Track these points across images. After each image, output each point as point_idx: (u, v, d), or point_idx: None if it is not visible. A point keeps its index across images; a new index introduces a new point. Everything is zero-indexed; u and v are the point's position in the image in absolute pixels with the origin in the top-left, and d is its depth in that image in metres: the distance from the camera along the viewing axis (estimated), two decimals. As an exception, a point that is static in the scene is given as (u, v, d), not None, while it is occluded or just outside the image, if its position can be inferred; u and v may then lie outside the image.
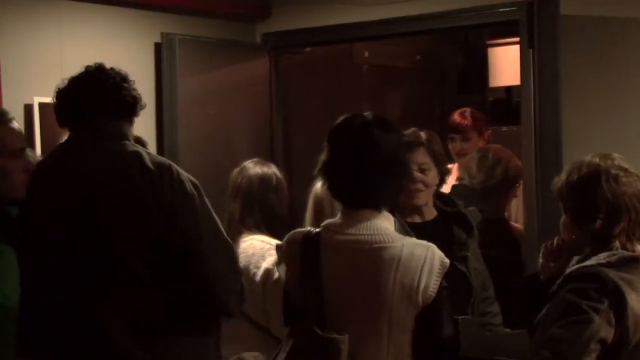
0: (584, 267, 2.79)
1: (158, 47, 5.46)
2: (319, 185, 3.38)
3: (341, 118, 2.92)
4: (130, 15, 5.38)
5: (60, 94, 3.13)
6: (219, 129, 5.64)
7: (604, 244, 2.85)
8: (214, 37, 5.72)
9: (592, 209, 2.86)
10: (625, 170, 2.88)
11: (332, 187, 2.88)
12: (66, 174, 3.03)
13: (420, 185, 3.75)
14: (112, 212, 2.92)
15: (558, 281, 2.80)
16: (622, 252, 2.81)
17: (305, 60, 6.42)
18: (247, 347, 3.70)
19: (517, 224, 5.12)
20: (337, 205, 3.03)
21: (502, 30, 6.47)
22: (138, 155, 2.98)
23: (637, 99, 4.69)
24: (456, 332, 3.13)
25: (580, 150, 4.02)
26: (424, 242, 2.86)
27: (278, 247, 3.01)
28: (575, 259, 2.92)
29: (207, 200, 3.02)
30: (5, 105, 4.53)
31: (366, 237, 2.79)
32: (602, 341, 2.68)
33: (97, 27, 5.21)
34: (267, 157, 5.47)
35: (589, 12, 4.76)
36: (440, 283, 2.79)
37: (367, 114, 2.90)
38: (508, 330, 3.80)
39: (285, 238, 2.98)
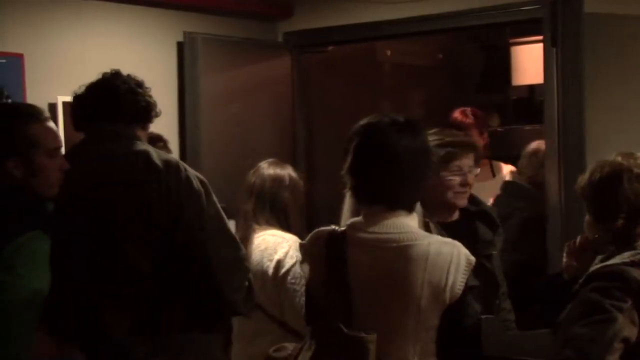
0: (608, 266, 2.79)
1: (180, 46, 5.47)
2: None
3: (366, 119, 2.91)
4: (152, 14, 5.39)
5: (76, 99, 3.20)
6: (241, 128, 5.65)
7: (627, 243, 2.85)
8: (236, 36, 5.73)
9: (614, 208, 2.87)
10: None
11: (357, 187, 2.88)
12: (75, 175, 3.08)
13: (467, 188, 3.82)
14: (116, 208, 2.96)
15: (581, 280, 2.81)
16: (646, 252, 2.79)
17: (327, 59, 6.43)
18: (269, 342, 3.73)
19: None
20: None
21: (525, 28, 6.45)
22: (145, 152, 3.02)
23: (661, 97, 4.69)
24: (479, 331, 3.10)
25: (603, 149, 4.01)
26: (450, 240, 2.85)
27: (301, 246, 3.00)
28: (599, 258, 2.93)
29: (215, 198, 3.04)
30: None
31: (393, 235, 2.79)
32: (625, 340, 2.68)
33: (120, 26, 5.24)
34: (289, 156, 5.49)
35: (613, 10, 4.74)
36: (466, 281, 2.79)
37: (393, 114, 2.89)
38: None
39: (309, 237, 2.97)
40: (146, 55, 5.33)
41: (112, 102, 3.14)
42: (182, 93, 5.47)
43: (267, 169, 4.13)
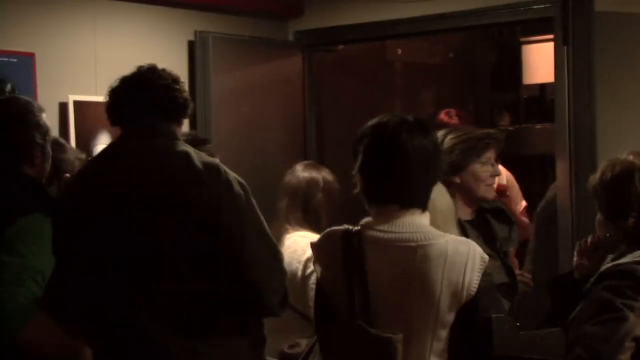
0: (619, 264, 2.77)
1: (191, 45, 5.47)
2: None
3: (376, 119, 2.90)
4: (163, 13, 5.40)
5: (112, 93, 3.16)
6: (252, 126, 5.66)
7: (638, 242, 2.84)
8: (247, 35, 5.75)
9: (625, 207, 2.87)
10: None
11: (368, 187, 2.87)
12: (115, 172, 3.05)
13: (495, 180, 3.90)
14: (157, 209, 2.93)
15: (592, 279, 2.80)
16: (657, 251, 2.80)
17: (338, 58, 6.43)
18: (288, 336, 3.77)
19: None
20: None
21: (536, 27, 6.46)
22: (186, 154, 2.99)
23: (674, 96, 4.70)
24: (490, 330, 3.08)
25: (614, 148, 4.00)
26: (464, 239, 2.87)
27: (313, 245, 2.99)
28: (610, 257, 2.93)
29: (254, 201, 3.02)
30: (40, 103, 4.54)
31: (408, 234, 2.78)
32: (636, 339, 2.66)
33: (131, 25, 5.25)
34: (299, 155, 5.50)
35: (624, 9, 4.76)
36: (481, 279, 2.79)
37: (402, 114, 2.89)
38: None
39: (321, 236, 2.97)
40: (157, 54, 5.21)
41: (150, 96, 3.10)
42: (193, 92, 5.41)
43: (302, 171, 4.18)
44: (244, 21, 5.80)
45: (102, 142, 4.92)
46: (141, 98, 3.08)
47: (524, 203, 5.80)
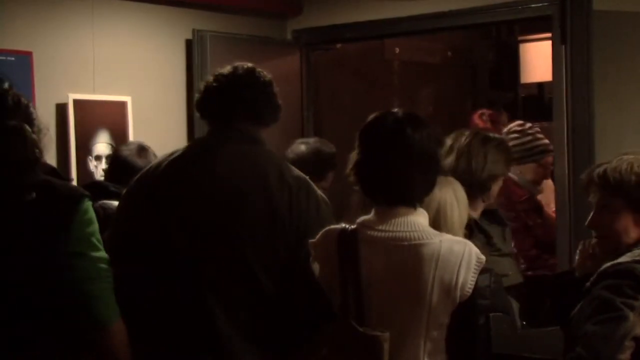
0: (619, 263, 2.77)
1: (189, 44, 5.49)
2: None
3: (372, 116, 2.91)
4: (161, 12, 5.40)
5: (207, 90, 3.17)
6: (250, 124, 5.66)
7: (637, 241, 2.85)
8: (245, 33, 5.77)
9: None
10: None
11: (365, 185, 2.88)
12: (204, 170, 3.06)
13: None
14: (248, 219, 2.95)
15: (592, 278, 2.79)
16: (656, 249, 2.81)
17: (336, 57, 6.44)
18: None
19: None
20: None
21: (534, 25, 6.49)
22: (279, 166, 3.04)
23: (670, 94, 4.70)
24: (488, 329, 3.14)
25: (613, 146, 4.05)
26: (461, 239, 2.85)
27: (312, 244, 2.96)
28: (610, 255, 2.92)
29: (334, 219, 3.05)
30: (39, 103, 4.59)
31: (404, 233, 2.78)
32: (636, 338, 2.67)
33: (129, 24, 5.26)
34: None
35: (622, 8, 4.74)
36: (477, 279, 2.78)
37: (398, 111, 2.89)
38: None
39: (319, 235, 2.94)
40: (155, 53, 5.36)
41: (250, 100, 3.13)
42: (190, 90, 5.45)
43: None
44: (242, 20, 5.81)
45: (101, 141, 4.94)
46: (236, 99, 3.10)
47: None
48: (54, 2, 4.88)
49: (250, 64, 3.21)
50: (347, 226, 2.85)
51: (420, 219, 2.82)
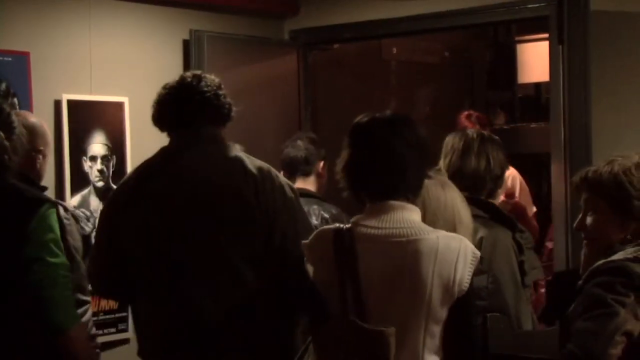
0: (611, 261, 2.79)
1: (186, 44, 5.47)
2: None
3: (360, 117, 2.96)
4: (158, 12, 5.40)
5: (162, 103, 3.32)
6: (247, 125, 5.61)
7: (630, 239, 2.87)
8: (242, 34, 5.77)
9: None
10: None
11: (357, 183, 2.91)
12: (174, 175, 3.23)
13: None
14: (219, 213, 3.12)
15: (584, 275, 2.82)
16: (648, 247, 2.83)
17: (334, 57, 6.46)
18: None
19: None
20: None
21: (532, 26, 6.52)
22: (240, 158, 3.20)
23: (668, 94, 4.71)
24: (486, 329, 3.16)
25: (610, 146, 4.05)
26: (456, 235, 2.87)
27: (305, 246, 3.00)
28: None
29: (300, 201, 3.25)
30: (35, 102, 4.61)
31: (399, 230, 2.80)
32: (627, 334, 2.69)
33: (126, 24, 5.25)
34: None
35: (619, 8, 4.75)
36: (474, 280, 2.81)
37: (386, 111, 2.97)
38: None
39: (313, 235, 2.97)
40: (152, 53, 5.36)
41: (201, 104, 3.27)
42: None
43: None
44: (239, 20, 5.81)
45: (96, 142, 4.94)
46: (193, 106, 3.26)
47: (534, 208, 5.82)
48: (52, 3, 4.89)
49: (197, 71, 3.43)
50: (341, 226, 2.88)
51: (413, 215, 2.84)
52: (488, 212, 3.78)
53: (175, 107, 3.29)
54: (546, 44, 5.16)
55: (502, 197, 4.80)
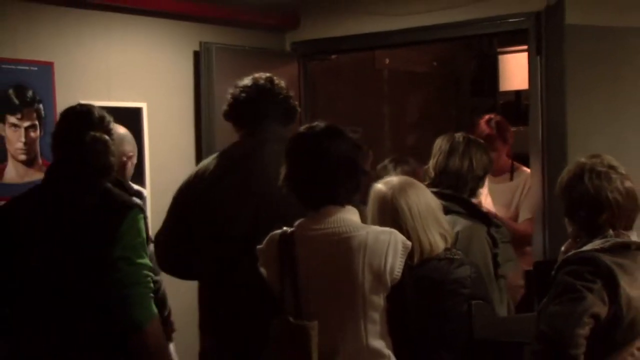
0: (581, 252, 2.94)
1: (197, 55, 5.58)
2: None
3: (294, 133, 3.06)
4: (171, 26, 5.50)
5: (237, 101, 3.42)
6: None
7: (596, 232, 3.00)
8: (248, 45, 5.86)
9: (577, 202, 3.04)
10: (612, 167, 3.03)
11: (297, 192, 2.99)
12: (247, 170, 3.32)
13: None
14: (284, 210, 3.10)
15: (556, 265, 2.96)
16: (614, 239, 2.94)
17: (331, 67, 6.50)
18: None
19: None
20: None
21: (512, 38, 6.51)
22: None
23: (637, 102, 4.74)
24: (470, 316, 3.24)
25: (583, 148, 4.14)
26: (387, 228, 2.94)
27: (259, 250, 3.04)
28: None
29: None
30: (59, 108, 4.44)
31: (334, 229, 2.89)
32: (595, 316, 2.82)
33: (141, 36, 5.34)
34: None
35: (593, 22, 4.78)
36: (405, 263, 2.88)
37: (317, 124, 3.01)
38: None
39: (265, 240, 3.03)
40: (165, 63, 5.48)
41: (278, 106, 3.40)
42: (198, 98, 5.60)
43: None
44: (244, 33, 5.91)
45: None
46: (266, 105, 3.37)
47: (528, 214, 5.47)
48: (74, 17, 4.97)
49: (268, 74, 3.47)
50: (287, 229, 2.97)
51: (349, 215, 2.93)
52: (466, 209, 3.85)
53: (250, 106, 3.39)
54: (525, 55, 5.22)
55: (484, 196, 4.93)
